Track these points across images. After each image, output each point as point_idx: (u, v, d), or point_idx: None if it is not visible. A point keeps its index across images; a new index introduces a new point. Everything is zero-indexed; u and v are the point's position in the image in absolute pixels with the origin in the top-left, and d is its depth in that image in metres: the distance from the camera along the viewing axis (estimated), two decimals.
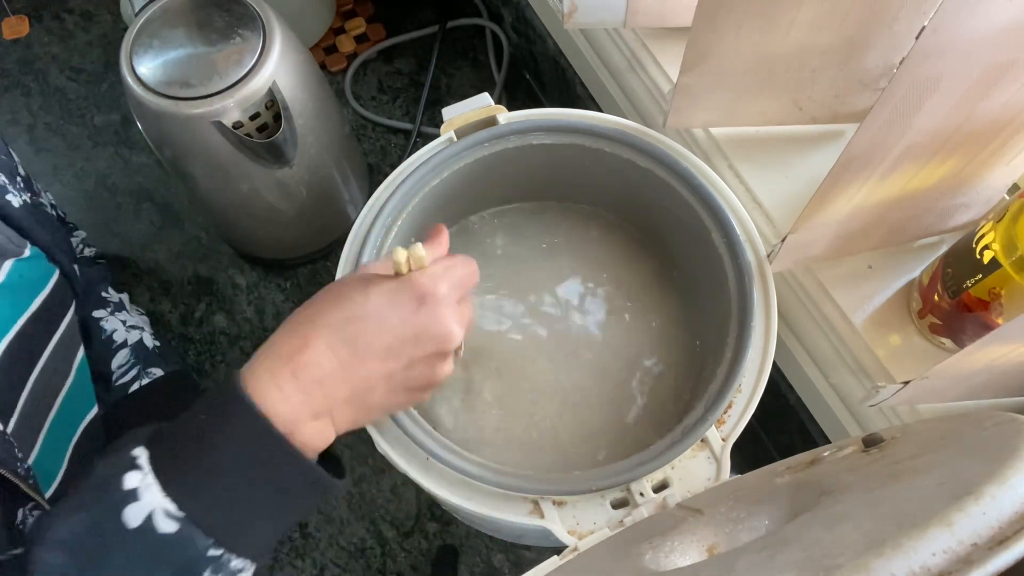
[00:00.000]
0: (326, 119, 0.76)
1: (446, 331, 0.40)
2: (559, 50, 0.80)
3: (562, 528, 0.47)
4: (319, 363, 0.38)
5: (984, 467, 0.25)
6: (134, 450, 0.37)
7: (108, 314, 0.70)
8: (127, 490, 0.35)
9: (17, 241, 0.56)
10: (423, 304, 0.40)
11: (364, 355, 0.39)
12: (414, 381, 0.42)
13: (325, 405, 0.39)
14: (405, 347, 0.40)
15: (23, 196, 0.61)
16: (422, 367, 0.41)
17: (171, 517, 0.35)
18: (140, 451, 0.37)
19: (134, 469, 0.36)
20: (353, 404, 0.40)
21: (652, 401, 0.58)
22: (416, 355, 0.40)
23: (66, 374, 0.60)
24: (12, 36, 1.07)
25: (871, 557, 0.23)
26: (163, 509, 0.35)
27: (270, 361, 0.39)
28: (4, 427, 0.50)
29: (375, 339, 0.39)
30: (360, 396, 0.40)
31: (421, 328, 0.40)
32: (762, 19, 0.46)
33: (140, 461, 0.36)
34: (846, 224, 0.48)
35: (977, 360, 0.39)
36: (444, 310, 0.40)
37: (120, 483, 0.35)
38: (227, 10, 0.68)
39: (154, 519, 0.35)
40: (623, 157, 0.56)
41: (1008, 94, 0.40)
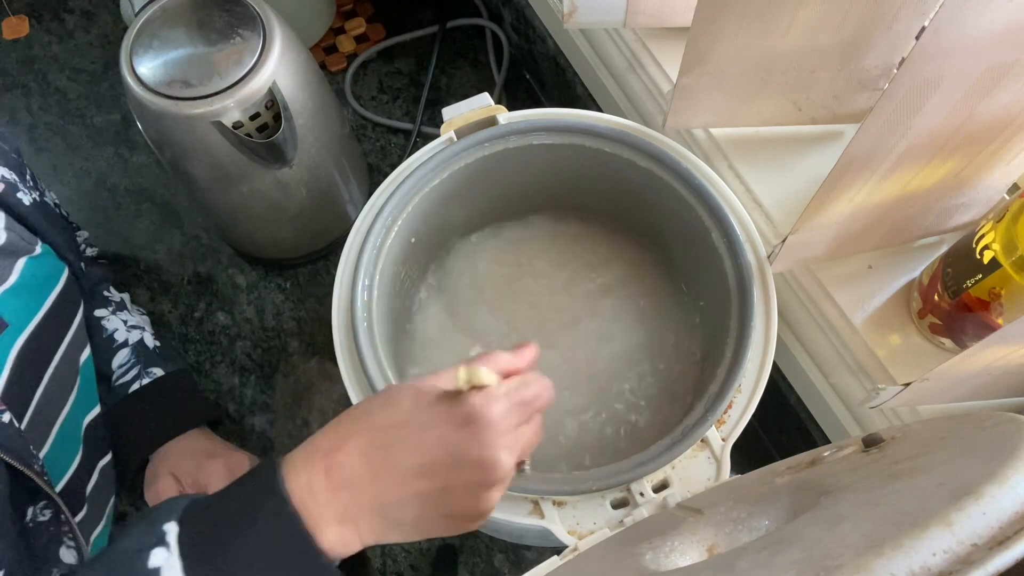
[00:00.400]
0: (326, 119, 0.76)
1: (488, 459, 0.36)
2: (559, 50, 0.80)
3: (562, 528, 0.47)
4: (350, 465, 0.37)
5: (984, 467, 0.25)
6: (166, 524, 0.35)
7: (109, 313, 0.71)
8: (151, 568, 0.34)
9: (29, 239, 0.56)
10: (467, 426, 0.36)
11: (395, 468, 0.37)
12: (454, 505, 0.38)
13: (349, 512, 0.37)
14: (440, 469, 0.37)
15: (33, 194, 0.61)
16: (461, 494, 0.37)
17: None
18: (171, 526, 0.35)
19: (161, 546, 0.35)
20: (381, 516, 0.37)
21: (652, 401, 0.58)
22: (454, 480, 0.37)
23: (76, 372, 0.60)
24: (12, 36, 1.07)
25: (871, 557, 0.23)
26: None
27: (308, 453, 0.37)
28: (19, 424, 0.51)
29: (409, 453, 0.37)
30: (389, 509, 0.37)
31: (460, 450, 0.36)
32: (762, 20, 0.46)
33: (169, 538, 0.35)
34: (846, 224, 0.48)
35: (977, 362, 0.39)
36: (490, 434, 0.36)
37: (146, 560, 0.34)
38: (227, 10, 0.68)
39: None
40: (623, 157, 0.56)
41: (1009, 95, 0.40)
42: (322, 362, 0.85)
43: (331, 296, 0.54)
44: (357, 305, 0.52)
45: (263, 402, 0.84)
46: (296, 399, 0.84)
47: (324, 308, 0.89)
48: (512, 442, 0.37)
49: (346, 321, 0.53)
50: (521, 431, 0.39)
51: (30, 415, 0.53)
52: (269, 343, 0.88)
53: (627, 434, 0.57)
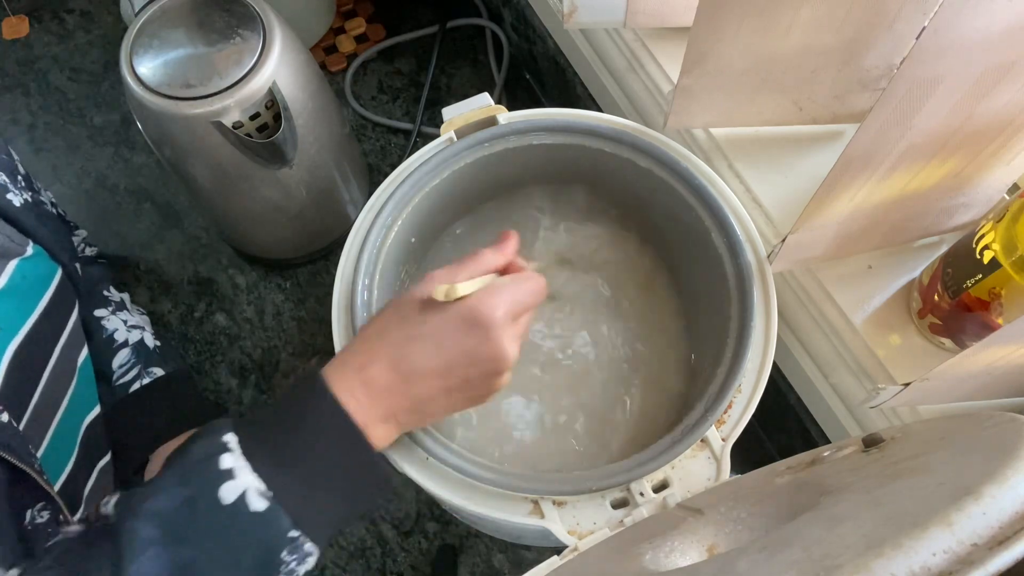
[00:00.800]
0: (326, 119, 0.76)
1: (498, 353, 0.42)
2: (559, 50, 0.80)
3: (562, 528, 0.47)
4: (384, 376, 0.42)
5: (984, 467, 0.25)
6: (224, 436, 0.40)
7: (109, 313, 0.70)
8: (224, 469, 0.38)
9: (19, 240, 0.56)
10: (475, 328, 0.42)
11: (422, 373, 0.42)
12: (473, 391, 0.44)
13: (391, 411, 0.43)
14: (459, 367, 0.43)
15: (24, 195, 0.61)
16: (478, 381, 0.44)
17: (262, 496, 0.38)
18: (230, 437, 0.40)
19: (227, 452, 0.39)
20: (415, 411, 0.44)
21: (652, 401, 0.58)
22: (472, 373, 0.43)
23: (72, 373, 0.60)
24: (12, 36, 1.07)
25: (871, 557, 0.23)
26: (255, 488, 0.38)
27: (342, 370, 0.43)
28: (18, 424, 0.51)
29: (431, 360, 0.42)
30: (421, 405, 0.44)
31: (473, 350, 0.42)
32: (762, 19, 0.46)
33: (231, 445, 0.39)
34: (846, 224, 0.48)
35: (977, 361, 0.39)
36: (496, 332, 0.42)
37: (217, 463, 0.38)
38: (227, 10, 0.68)
39: (247, 497, 0.38)
40: (623, 157, 0.56)
41: (1008, 95, 0.40)
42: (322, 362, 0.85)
43: (331, 296, 0.54)
44: (357, 305, 0.52)
45: (263, 402, 0.84)
46: None
47: (324, 308, 0.89)
48: (513, 334, 0.43)
49: (346, 321, 0.53)
50: (521, 321, 0.45)
51: (28, 416, 0.53)
52: (269, 343, 0.88)
53: (626, 433, 0.57)
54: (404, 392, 0.42)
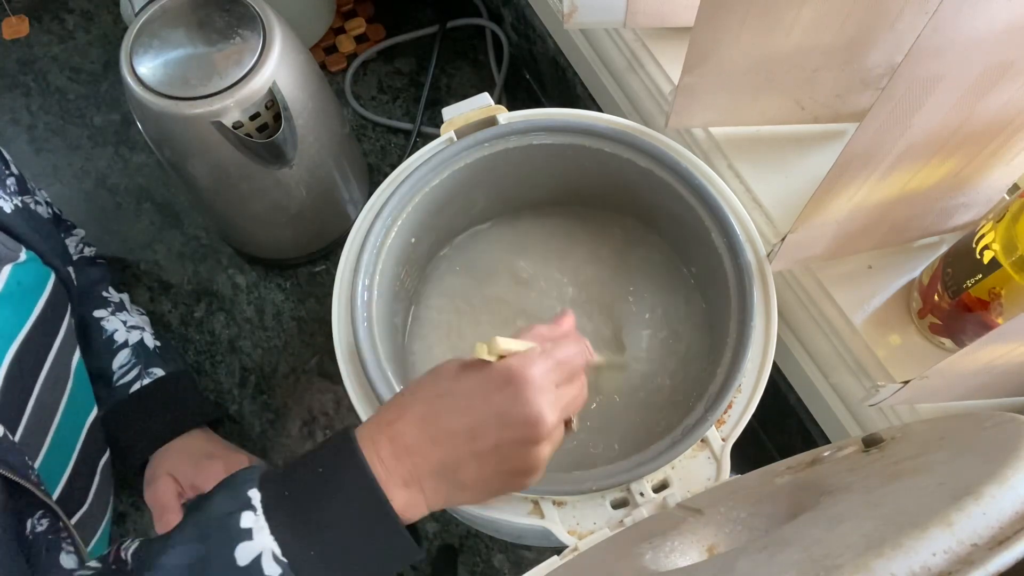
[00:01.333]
0: (326, 119, 0.76)
1: (532, 415, 0.39)
2: (559, 50, 0.80)
3: (562, 528, 0.47)
4: (410, 432, 0.40)
5: (984, 467, 0.25)
6: (250, 490, 0.38)
7: (109, 314, 0.70)
8: (243, 528, 0.37)
9: (11, 246, 0.56)
10: (508, 386, 0.39)
11: (448, 432, 0.40)
12: (507, 463, 0.40)
13: (414, 475, 0.40)
14: (488, 429, 0.39)
15: (15, 200, 0.60)
16: (511, 450, 0.40)
17: (277, 562, 0.37)
18: (255, 492, 0.38)
19: (249, 509, 0.38)
20: (443, 478, 0.40)
21: (652, 401, 0.58)
22: (503, 438, 0.40)
23: (67, 379, 0.60)
24: (12, 36, 1.07)
25: (871, 557, 0.23)
26: (271, 552, 0.37)
27: (372, 427, 0.41)
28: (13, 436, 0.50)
29: (459, 417, 0.40)
30: (449, 471, 0.40)
31: (504, 410, 0.39)
32: (764, 19, 0.46)
33: (255, 502, 0.38)
34: (846, 224, 0.48)
35: (977, 360, 0.39)
36: (530, 392, 0.39)
37: (237, 521, 0.37)
38: (227, 10, 0.68)
39: (262, 560, 0.37)
40: (623, 157, 0.56)
41: (1008, 94, 0.40)
42: (322, 362, 0.85)
43: (331, 296, 0.54)
44: (357, 305, 0.52)
45: (263, 402, 0.84)
46: (296, 399, 0.84)
47: (324, 308, 0.89)
48: (554, 399, 0.40)
49: (346, 321, 0.53)
50: (563, 389, 0.41)
51: (24, 425, 0.53)
52: (269, 343, 0.88)
53: (626, 434, 0.57)
54: (428, 454, 0.40)
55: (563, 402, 0.41)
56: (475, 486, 0.41)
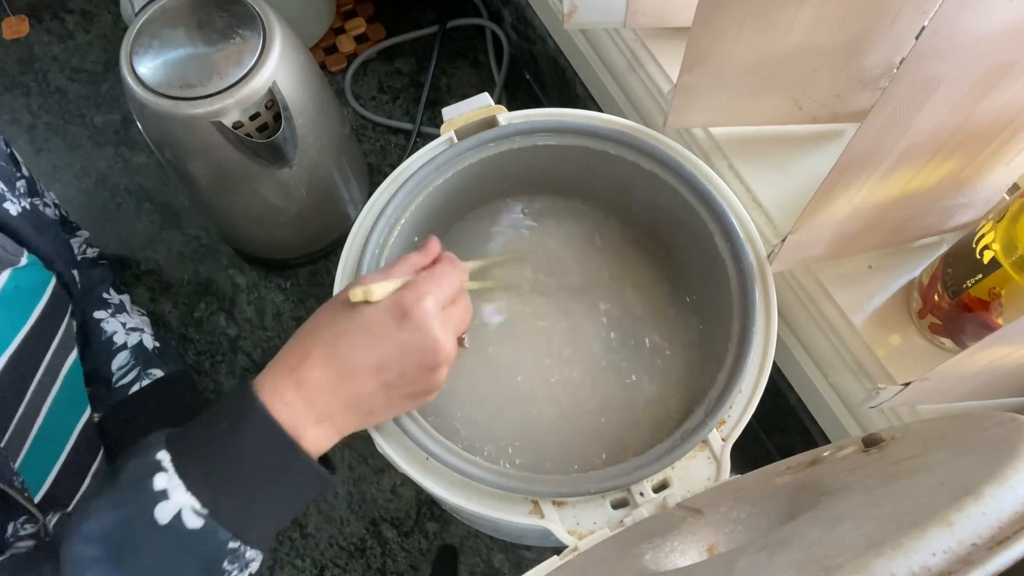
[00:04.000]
0: (326, 119, 0.76)
1: (432, 342, 0.42)
2: (559, 50, 0.80)
3: (562, 528, 0.47)
4: (318, 375, 0.42)
5: (984, 467, 0.25)
6: (158, 454, 0.40)
7: (109, 316, 0.70)
8: (157, 490, 0.39)
9: (13, 250, 0.56)
10: (406, 318, 0.42)
11: (357, 368, 0.42)
12: (412, 386, 0.44)
13: (326, 412, 0.42)
14: (394, 360, 0.42)
15: (23, 203, 0.60)
16: (415, 376, 0.43)
17: (197, 514, 0.39)
18: (163, 455, 0.40)
19: (160, 471, 0.39)
20: (353, 410, 0.43)
21: (652, 403, 0.58)
22: (407, 365, 0.43)
23: (53, 381, 0.59)
24: (12, 36, 1.07)
25: (871, 557, 0.23)
26: (190, 507, 0.39)
27: (275, 373, 0.42)
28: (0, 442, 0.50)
29: (364, 354, 0.42)
30: (360, 403, 0.43)
31: (406, 340, 0.42)
32: (762, 19, 0.46)
33: (165, 464, 0.40)
34: (846, 224, 0.48)
35: (978, 361, 0.39)
36: (428, 321, 0.42)
37: (151, 484, 0.39)
38: (227, 10, 0.68)
39: (182, 516, 0.39)
40: (628, 159, 0.56)
41: (1008, 94, 0.40)
42: None
43: (331, 296, 0.54)
44: None
45: None
46: None
47: None
48: (445, 323, 0.43)
49: None
50: (451, 311, 0.45)
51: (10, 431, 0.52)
52: (269, 343, 0.88)
53: (626, 435, 0.57)
54: (340, 390, 0.42)
55: (453, 323, 0.45)
56: (383, 410, 0.44)
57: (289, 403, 0.41)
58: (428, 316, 0.42)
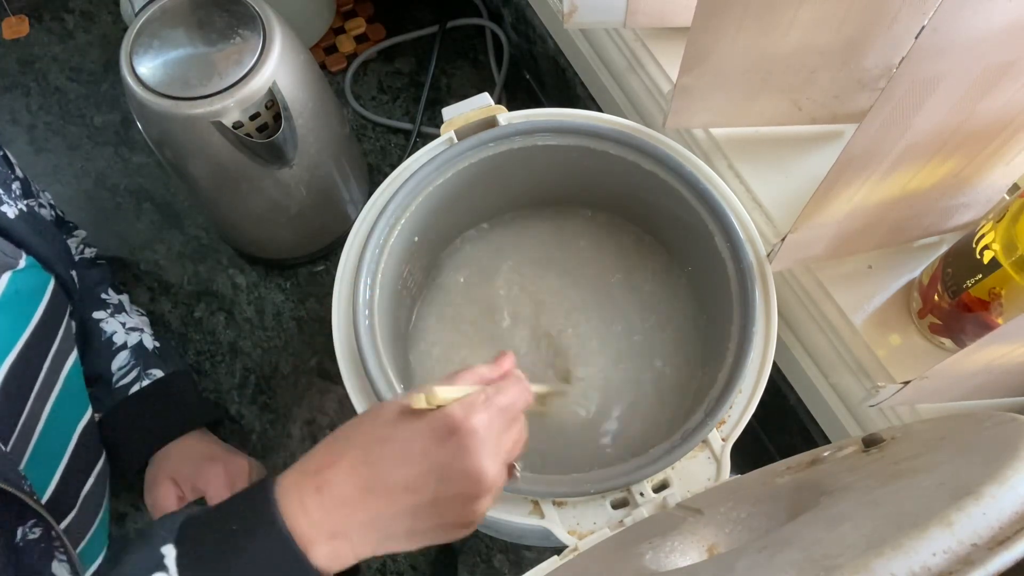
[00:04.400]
0: (326, 119, 0.76)
1: (475, 470, 0.37)
2: (559, 50, 0.80)
3: (562, 528, 0.47)
4: (342, 482, 0.37)
5: (984, 467, 0.25)
6: (163, 547, 0.37)
7: (108, 316, 0.70)
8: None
9: (11, 252, 0.55)
10: (451, 437, 0.37)
11: (386, 483, 0.37)
12: (444, 517, 0.39)
13: (343, 526, 0.38)
14: (428, 482, 0.37)
15: (19, 205, 0.60)
16: (450, 505, 0.38)
17: None
18: (169, 550, 0.37)
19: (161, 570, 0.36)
20: (374, 529, 0.38)
21: (652, 403, 0.58)
22: (442, 493, 0.38)
23: (54, 383, 0.59)
24: (12, 36, 1.07)
25: (871, 557, 0.23)
26: None
27: (299, 474, 0.38)
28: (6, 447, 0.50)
29: (397, 468, 0.37)
30: (382, 524, 0.38)
31: (446, 463, 0.37)
32: (762, 19, 0.46)
33: (168, 561, 0.36)
34: (846, 224, 0.48)
35: (977, 360, 0.39)
36: (474, 444, 0.37)
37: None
38: (227, 10, 0.68)
39: None
40: (628, 160, 0.56)
41: (1008, 94, 0.40)
42: (322, 362, 0.85)
43: (331, 296, 0.54)
44: (359, 303, 0.52)
45: (263, 402, 0.84)
46: (296, 399, 0.84)
47: (324, 308, 0.89)
48: (496, 449, 0.38)
49: (346, 320, 0.53)
50: (505, 437, 0.39)
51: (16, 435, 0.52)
52: (269, 343, 0.88)
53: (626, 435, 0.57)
54: (363, 504, 0.37)
55: (505, 450, 0.39)
56: (408, 538, 0.39)
57: (307, 510, 0.37)
58: (477, 438, 0.37)
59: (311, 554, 0.36)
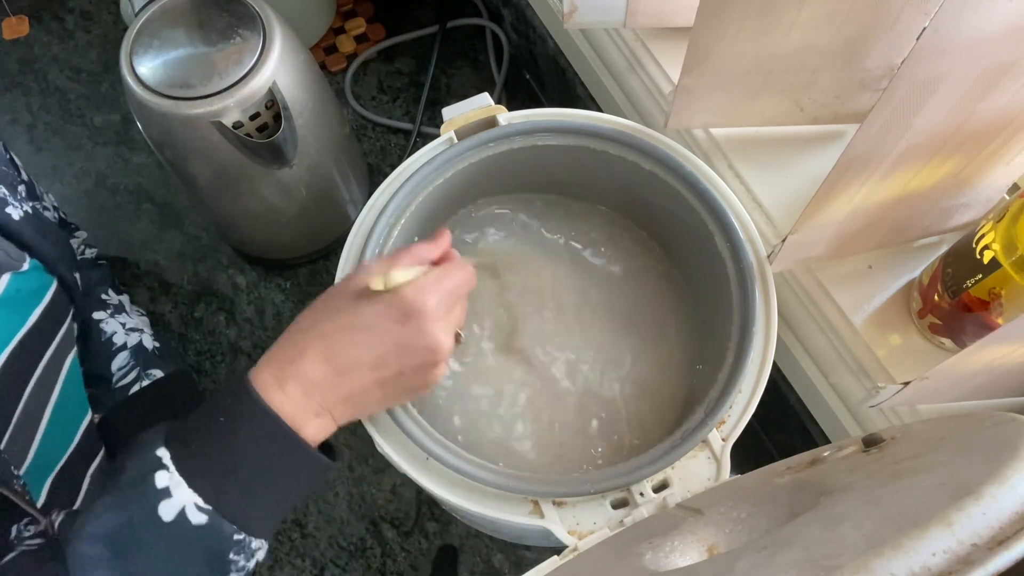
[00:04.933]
0: (326, 119, 0.76)
1: (432, 344, 0.43)
2: (559, 50, 0.80)
3: (562, 528, 0.47)
4: (316, 370, 0.42)
5: (984, 467, 0.25)
6: (158, 451, 0.40)
7: (108, 316, 0.70)
8: (160, 488, 0.39)
9: (16, 255, 0.55)
10: (409, 319, 0.42)
11: (355, 365, 0.42)
12: (408, 383, 0.44)
13: (324, 405, 0.43)
14: (392, 358, 0.43)
15: (24, 207, 0.60)
16: (413, 374, 0.44)
17: (201, 510, 0.39)
18: (163, 452, 0.40)
19: (162, 469, 0.39)
20: (350, 403, 0.44)
21: (651, 402, 0.58)
22: (405, 365, 0.43)
23: (54, 385, 0.59)
24: (12, 36, 1.07)
25: (871, 557, 0.23)
26: (194, 503, 0.39)
27: (273, 367, 0.42)
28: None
29: (364, 351, 0.42)
30: (356, 397, 0.44)
31: (406, 341, 0.42)
32: (763, 19, 0.46)
33: (165, 461, 0.40)
34: (846, 224, 0.48)
35: (977, 360, 0.39)
36: (429, 323, 0.42)
37: (153, 482, 0.39)
38: (227, 10, 0.68)
39: (187, 512, 0.39)
40: (628, 160, 0.56)
41: (1008, 94, 0.40)
42: None
43: None
44: None
45: None
46: None
47: None
48: (447, 324, 0.44)
49: None
50: (452, 314, 0.45)
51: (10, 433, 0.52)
52: (269, 343, 0.87)
53: (625, 435, 0.57)
54: (338, 385, 0.42)
55: (452, 322, 0.45)
56: (380, 403, 0.45)
57: (290, 397, 0.41)
58: (431, 319, 0.42)
59: (301, 431, 0.41)
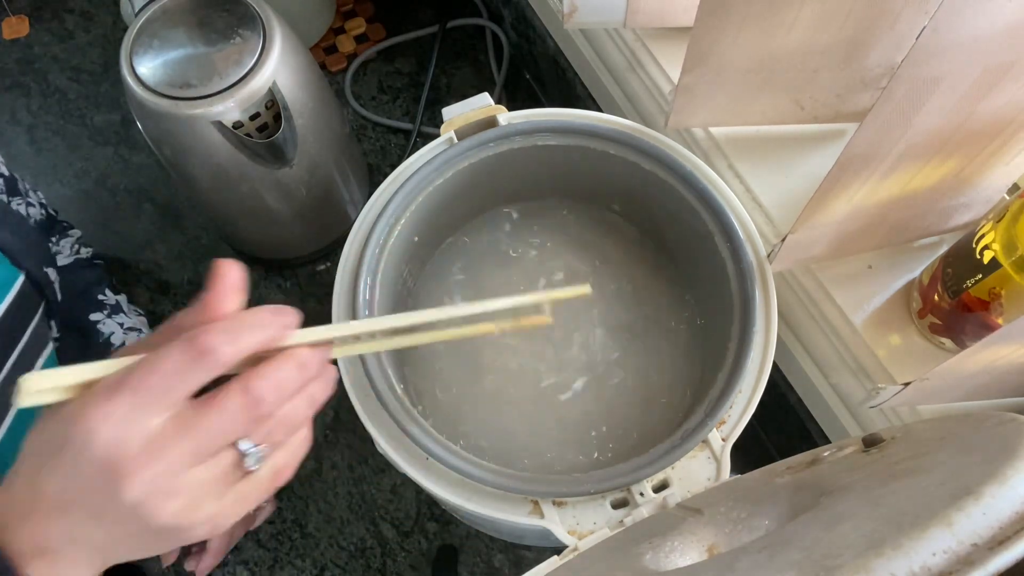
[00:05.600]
0: (326, 119, 0.76)
1: (159, 526, 0.29)
2: (559, 50, 0.80)
3: (562, 528, 0.47)
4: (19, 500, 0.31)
5: (984, 467, 0.25)
6: None
7: (105, 317, 0.70)
8: None
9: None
10: (105, 484, 0.28)
11: (40, 497, 0.30)
12: (121, 526, 0.30)
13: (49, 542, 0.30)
14: (68, 490, 0.29)
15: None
16: (106, 509, 0.29)
17: None
18: None
19: None
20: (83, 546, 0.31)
21: (651, 402, 0.58)
22: (86, 497, 0.29)
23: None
24: (12, 36, 1.07)
25: (871, 557, 0.23)
26: None
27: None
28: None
29: (45, 480, 0.30)
30: (75, 539, 0.30)
31: (68, 464, 0.29)
32: (764, 19, 0.46)
33: None
34: (846, 224, 0.48)
35: (978, 361, 0.39)
36: (135, 496, 0.28)
37: None
38: (227, 10, 0.68)
39: None
40: (628, 160, 0.56)
41: (1008, 94, 0.40)
42: None
43: (331, 296, 0.54)
44: (359, 303, 0.52)
45: None
46: None
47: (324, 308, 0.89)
48: (189, 495, 0.30)
49: (346, 321, 0.53)
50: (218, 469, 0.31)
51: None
52: None
53: (625, 435, 0.57)
54: (38, 519, 0.30)
55: (221, 493, 0.30)
56: (112, 547, 0.31)
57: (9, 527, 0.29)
58: (134, 483, 0.28)
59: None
